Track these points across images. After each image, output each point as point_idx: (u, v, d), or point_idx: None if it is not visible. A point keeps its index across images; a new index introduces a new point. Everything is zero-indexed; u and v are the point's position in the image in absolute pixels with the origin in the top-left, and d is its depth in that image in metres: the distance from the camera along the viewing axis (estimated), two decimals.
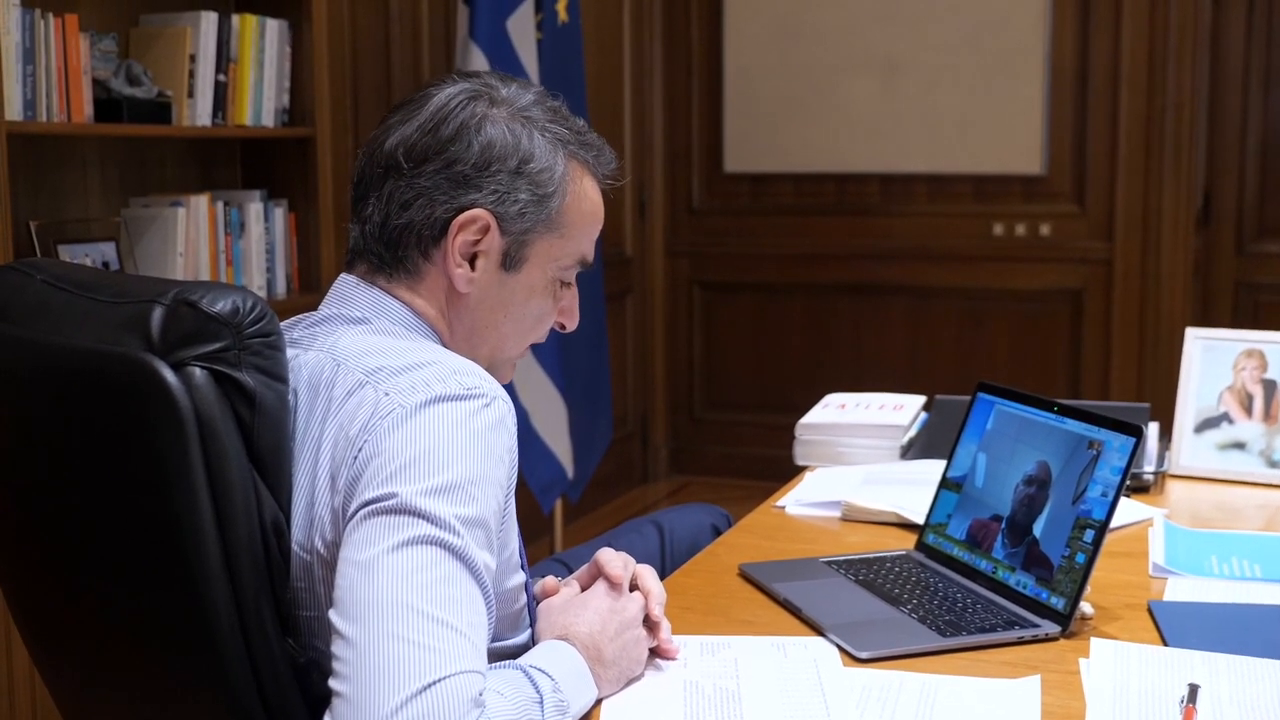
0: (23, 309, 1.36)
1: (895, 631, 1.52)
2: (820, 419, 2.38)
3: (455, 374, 1.24)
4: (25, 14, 2.53)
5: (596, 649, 1.31)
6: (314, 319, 1.38)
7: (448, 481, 1.16)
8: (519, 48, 3.65)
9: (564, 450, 3.94)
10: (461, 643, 1.11)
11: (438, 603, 1.11)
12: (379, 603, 1.11)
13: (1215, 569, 1.74)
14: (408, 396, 1.21)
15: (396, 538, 1.13)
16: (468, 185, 1.33)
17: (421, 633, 1.09)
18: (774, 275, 5.21)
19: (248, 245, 3.09)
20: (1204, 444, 2.22)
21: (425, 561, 1.13)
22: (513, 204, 1.34)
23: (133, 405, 1.20)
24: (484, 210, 1.33)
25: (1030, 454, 1.67)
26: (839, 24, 4.95)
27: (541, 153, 1.35)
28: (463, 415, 1.20)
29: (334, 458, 1.23)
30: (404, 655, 1.08)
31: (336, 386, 1.26)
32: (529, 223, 1.35)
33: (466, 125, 1.33)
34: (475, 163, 1.32)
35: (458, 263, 1.34)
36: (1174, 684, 1.35)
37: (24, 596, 1.45)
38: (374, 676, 1.08)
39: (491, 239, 1.34)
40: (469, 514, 1.17)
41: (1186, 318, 4.58)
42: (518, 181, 1.34)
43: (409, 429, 1.18)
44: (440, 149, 1.32)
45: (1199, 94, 4.66)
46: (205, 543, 1.18)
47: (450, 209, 1.33)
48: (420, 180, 1.33)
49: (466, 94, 1.35)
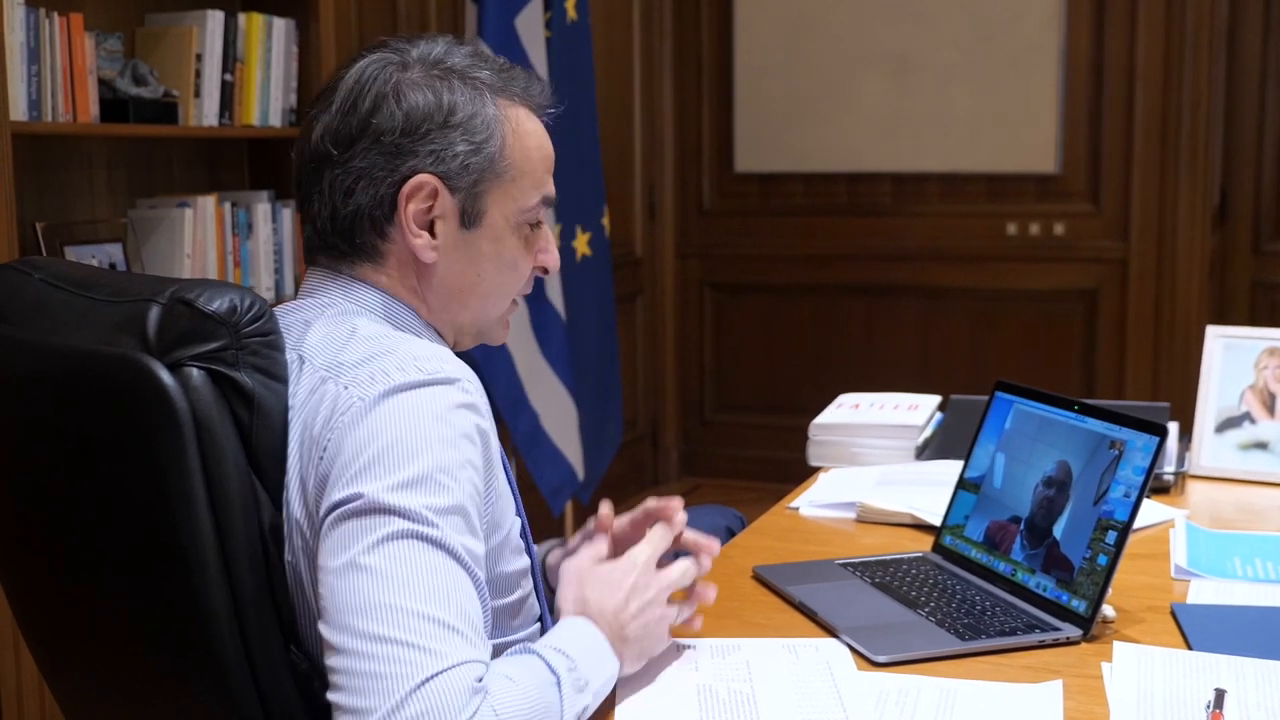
0: (20, 309, 1.34)
1: (913, 635, 1.49)
2: (834, 419, 2.35)
3: (415, 360, 1.20)
4: (30, 13, 2.51)
5: (619, 626, 1.30)
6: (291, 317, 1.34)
7: (415, 474, 1.13)
8: (528, 46, 3.63)
9: (574, 452, 3.92)
10: (449, 635, 1.08)
11: (421, 598, 1.09)
12: (361, 607, 1.08)
13: (1239, 571, 1.71)
14: (366, 388, 1.18)
15: (370, 538, 1.11)
16: (402, 154, 1.29)
17: (408, 631, 1.07)
18: (785, 276, 5.18)
19: (255, 246, 3.07)
20: (1225, 444, 2.19)
21: (403, 557, 1.10)
22: (452, 159, 1.29)
23: (129, 407, 1.18)
24: (427, 175, 1.29)
25: (1050, 454, 1.64)
26: (850, 22, 4.92)
27: (466, 101, 1.30)
28: (423, 402, 1.17)
29: (301, 457, 1.20)
30: (392, 657, 1.06)
31: (301, 383, 1.24)
32: (475, 174, 1.31)
33: (383, 94, 1.29)
34: (402, 129, 1.28)
35: (415, 233, 1.30)
36: (1199, 689, 1.32)
37: (26, 600, 1.43)
38: (366, 683, 1.06)
39: (443, 201, 1.30)
40: (442, 503, 1.14)
41: (1203, 317, 4.54)
42: (450, 135, 1.29)
43: (370, 423, 1.16)
44: (364, 125, 1.29)
45: (1215, 91, 4.62)
46: (203, 546, 1.16)
47: (393, 182, 1.29)
48: (354, 162, 1.29)
49: (377, 64, 1.31)
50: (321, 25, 3.14)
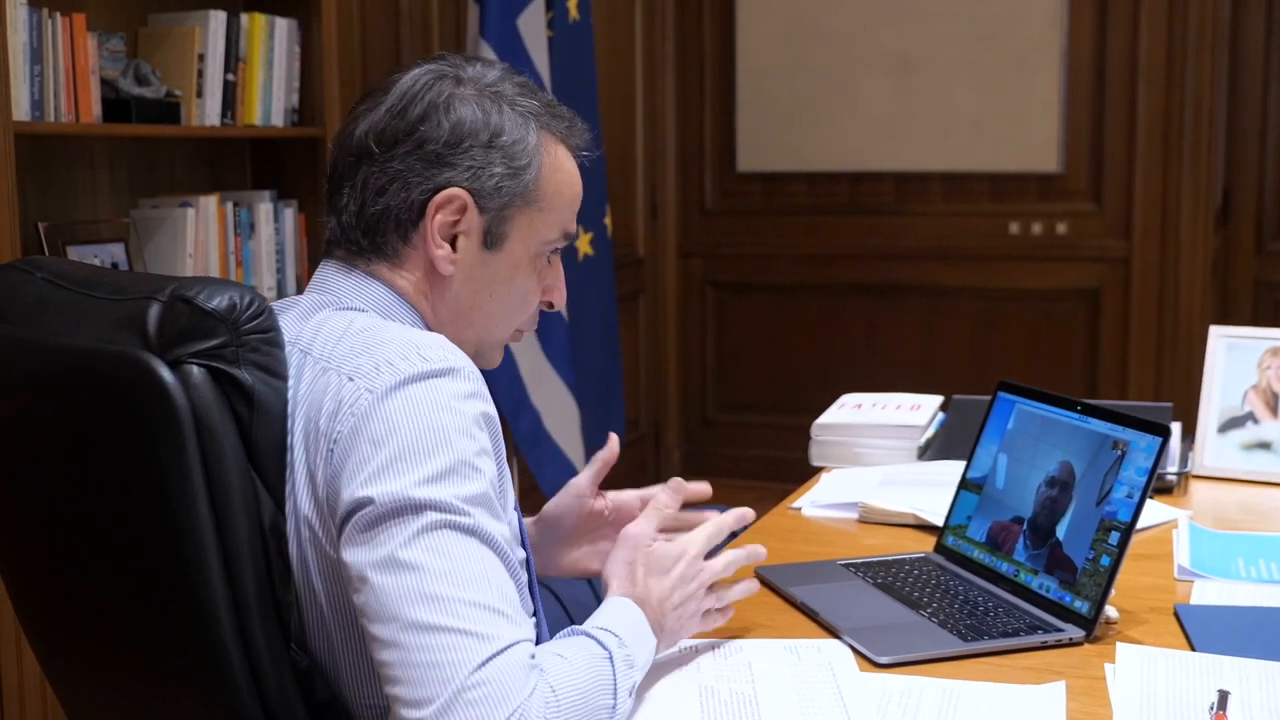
0: (22, 308, 1.34)
1: (915, 636, 1.48)
2: (836, 419, 2.35)
3: (416, 348, 1.21)
4: (32, 13, 2.51)
5: (660, 614, 1.34)
6: (294, 310, 1.35)
7: (441, 467, 1.15)
8: (530, 46, 3.63)
9: (576, 451, 3.92)
10: (497, 619, 1.11)
11: (464, 584, 1.12)
12: (408, 600, 1.11)
13: (1242, 572, 1.70)
14: (373, 379, 1.19)
15: (406, 532, 1.13)
16: (441, 164, 1.31)
17: (458, 618, 1.10)
18: (787, 275, 5.18)
19: (257, 246, 3.07)
20: (1228, 444, 2.19)
21: (442, 548, 1.13)
22: (488, 179, 1.32)
23: (130, 405, 1.18)
24: (460, 189, 1.31)
25: (1053, 454, 1.64)
26: (852, 22, 4.91)
27: (512, 126, 1.33)
28: (435, 393, 1.18)
29: (307, 450, 1.21)
30: (446, 645, 1.09)
31: (304, 377, 1.24)
32: (506, 197, 1.33)
33: (435, 104, 1.32)
34: (447, 140, 1.31)
35: (438, 244, 1.32)
36: (1203, 690, 1.32)
37: (27, 597, 1.44)
38: (423, 673, 1.09)
39: (470, 218, 1.32)
40: (470, 491, 1.16)
41: (1206, 317, 4.53)
42: (491, 155, 1.32)
43: (382, 418, 1.17)
44: (410, 130, 1.31)
45: (1218, 90, 4.61)
46: (204, 545, 1.16)
47: (426, 190, 1.31)
48: (393, 164, 1.31)
49: (432, 75, 1.34)
50: (324, 25, 3.14)
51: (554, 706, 1.11)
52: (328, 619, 1.23)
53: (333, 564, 1.20)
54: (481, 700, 1.07)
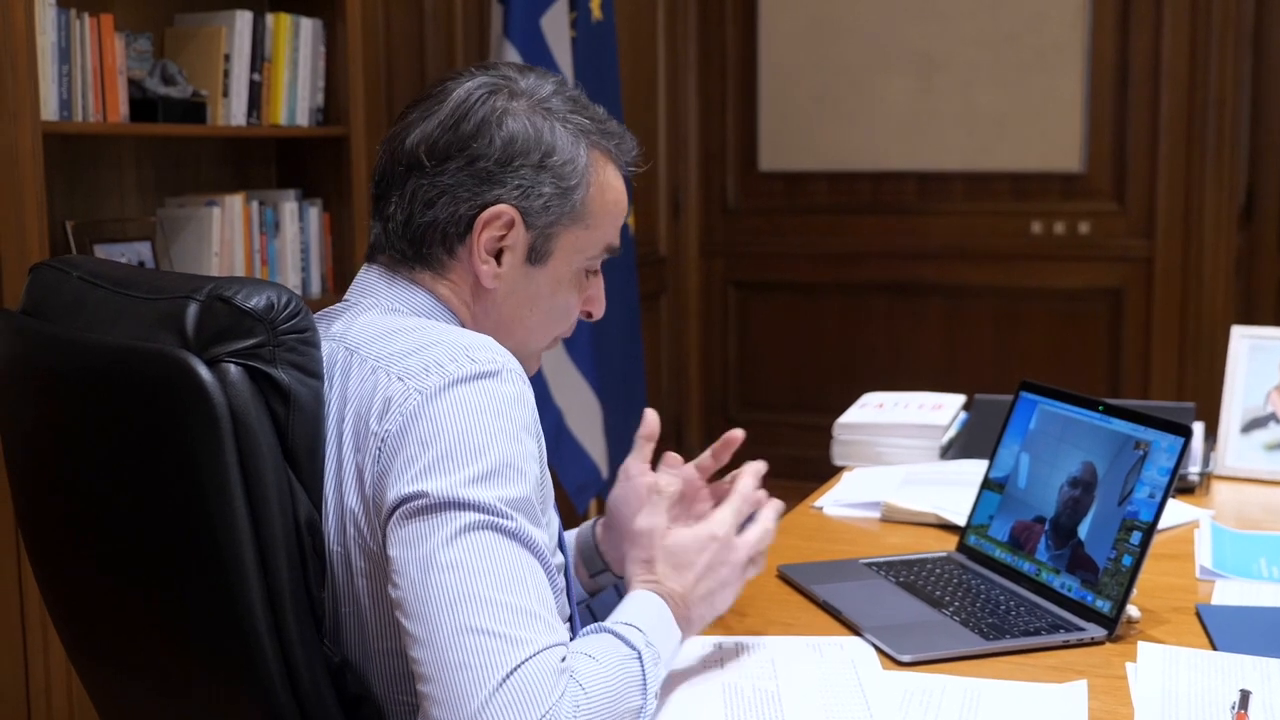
0: (59, 306, 1.35)
1: (937, 634, 1.49)
2: (858, 419, 2.35)
3: (465, 350, 1.23)
4: (61, 14, 2.54)
5: (685, 606, 1.33)
6: (339, 312, 1.37)
7: (486, 468, 1.16)
8: (553, 46, 3.64)
9: (598, 450, 3.93)
10: (532, 622, 1.12)
11: (503, 586, 1.12)
12: (445, 598, 1.12)
13: (1264, 572, 1.70)
14: (422, 380, 1.20)
15: (446, 531, 1.14)
16: (491, 181, 1.32)
17: (494, 620, 1.11)
18: (809, 275, 5.18)
19: (283, 245, 3.09)
20: (1251, 444, 2.19)
21: (482, 549, 1.13)
22: (537, 198, 1.33)
23: (167, 402, 1.19)
24: (508, 206, 1.32)
25: (1075, 454, 1.65)
26: (875, 20, 4.91)
27: (564, 145, 1.34)
28: (483, 396, 1.20)
29: (356, 448, 1.22)
30: (482, 646, 1.09)
31: (351, 376, 1.26)
32: (553, 216, 1.34)
33: (488, 120, 1.32)
34: (498, 158, 1.31)
35: (483, 259, 1.33)
36: (1225, 689, 1.32)
37: (59, 593, 1.45)
38: (457, 673, 1.09)
39: (517, 234, 1.33)
40: (513, 495, 1.17)
41: (1228, 317, 4.51)
42: (541, 175, 1.33)
43: (431, 418, 1.18)
44: (463, 145, 1.31)
45: (1241, 89, 4.60)
46: (239, 541, 1.17)
47: (475, 206, 1.32)
48: (443, 178, 1.32)
49: (486, 88, 1.34)
50: (349, 25, 3.16)
51: (585, 710, 1.12)
52: (366, 616, 1.24)
53: (376, 561, 1.21)
54: (511, 705, 1.08)
